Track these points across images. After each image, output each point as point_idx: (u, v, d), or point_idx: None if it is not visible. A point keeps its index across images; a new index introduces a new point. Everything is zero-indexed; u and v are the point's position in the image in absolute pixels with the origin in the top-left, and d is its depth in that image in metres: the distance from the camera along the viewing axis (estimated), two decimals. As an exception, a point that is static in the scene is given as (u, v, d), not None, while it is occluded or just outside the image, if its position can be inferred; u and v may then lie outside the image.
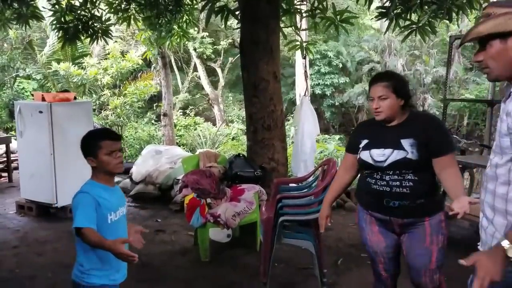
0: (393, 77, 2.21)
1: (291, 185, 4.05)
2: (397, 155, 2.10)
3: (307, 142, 4.58)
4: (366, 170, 2.24)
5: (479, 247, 1.73)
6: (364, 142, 2.24)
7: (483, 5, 4.62)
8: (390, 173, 2.13)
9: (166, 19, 6.15)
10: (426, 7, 4.33)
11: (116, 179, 6.28)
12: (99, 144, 1.92)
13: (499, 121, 1.55)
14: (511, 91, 1.53)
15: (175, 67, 14.68)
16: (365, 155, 2.21)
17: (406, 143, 2.11)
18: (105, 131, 2.13)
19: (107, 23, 5.88)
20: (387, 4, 4.52)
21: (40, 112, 4.82)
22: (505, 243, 1.44)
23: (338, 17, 4.86)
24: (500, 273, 1.46)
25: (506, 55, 1.52)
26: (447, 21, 4.54)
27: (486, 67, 1.59)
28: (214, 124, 13.61)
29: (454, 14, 4.34)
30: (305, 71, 5.28)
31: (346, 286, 3.36)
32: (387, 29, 4.82)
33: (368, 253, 2.38)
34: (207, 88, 14.34)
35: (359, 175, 2.39)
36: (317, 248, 3.16)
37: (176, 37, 6.58)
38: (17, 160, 5.81)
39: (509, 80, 1.59)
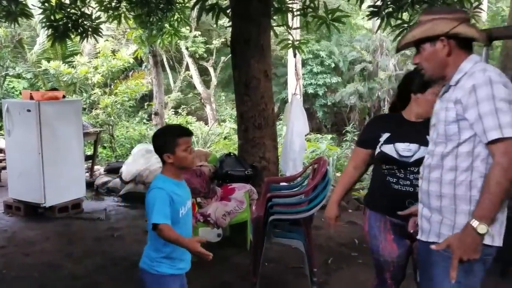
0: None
1: (282, 184, 4.03)
2: (424, 151, 1.94)
3: (296, 141, 4.57)
4: (387, 166, 2.11)
5: (418, 236, 1.81)
6: (386, 135, 2.12)
7: (474, 4, 4.65)
8: (415, 170, 2.00)
9: (157, 18, 6.11)
10: (418, 6, 4.34)
11: (106, 178, 6.27)
12: (177, 141, 1.97)
13: (444, 111, 1.69)
14: (450, 84, 1.71)
15: (167, 66, 14.61)
16: (388, 148, 2.08)
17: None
18: (181, 128, 2.13)
19: (97, 21, 5.84)
20: (379, 3, 4.52)
21: (28, 110, 4.75)
22: (472, 221, 1.54)
23: (330, 16, 4.85)
24: (477, 250, 1.56)
25: (436, 56, 1.72)
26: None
27: (422, 68, 1.79)
28: (206, 124, 13.56)
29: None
30: (296, 70, 5.26)
31: (336, 285, 3.34)
32: (379, 28, 4.82)
33: (377, 261, 2.25)
34: (199, 88, 14.29)
35: (373, 175, 2.27)
36: (308, 247, 3.14)
37: (167, 35, 6.55)
38: (5, 159, 5.74)
39: (442, 79, 1.78)
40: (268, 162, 4.45)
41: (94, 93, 9.95)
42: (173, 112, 13.55)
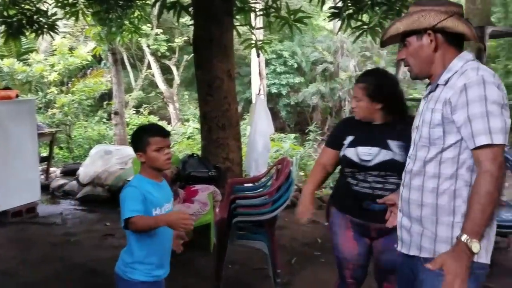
0: (373, 80, 2.10)
1: (247, 185, 4.00)
2: (385, 155, 2.01)
3: (259, 141, 4.55)
4: (349, 169, 2.14)
5: (398, 248, 1.69)
6: (350, 138, 2.14)
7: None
8: (374, 174, 2.05)
9: (116, 14, 5.95)
10: (377, 8, 4.43)
11: (62, 181, 6.04)
12: (148, 140, 1.93)
13: (429, 112, 1.55)
14: (438, 83, 1.56)
15: (127, 64, 14.26)
16: (350, 152, 2.11)
17: (394, 144, 2.02)
18: (155, 127, 2.08)
19: (53, 17, 5.63)
20: (339, 4, 4.58)
21: (-22, 110, 4.50)
22: (464, 237, 1.41)
23: (292, 16, 4.88)
24: (468, 274, 1.42)
25: (422, 52, 1.57)
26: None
27: (408, 64, 1.64)
28: (169, 123, 13.36)
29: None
30: (259, 70, 5.25)
31: (299, 286, 3.35)
32: (339, 29, 4.88)
33: (337, 258, 2.27)
34: (162, 86, 14.05)
35: (338, 176, 2.29)
36: (271, 249, 3.13)
37: (127, 33, 6.39)
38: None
39: (428, 78, 1.63)
40: (232, 163, 4.42)
41: (50, 92, 9.58)
42: (134, 112, 13.26)
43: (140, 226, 1.83)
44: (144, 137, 1.95)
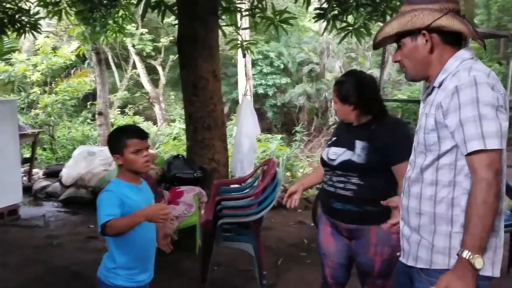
0: (343, 82, 2.12)
1: (233, 186, 3.98)
2: (346, 155, 2.05)
3: (245, 142, 4.53)
4: (324, 167, 2.20)
5: (400, 258, 1.64)
6: (333, 139, 2.22)
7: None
8: (338, 173, 2.09)
9: (100, 14, 5.87)
10: (362, 9, 4.45)
11: (45, 182, 5.94)
12: (126, 142, 1.87)
13: (424, 117, 1.49)
14: (434, 86, 1.50)
15: (112, 64, 14.11)
16: (324, 152, 2.20)
17: (359, 145, 2.04)
18: (132, 129, 2.04)
19: (35, 16, 5.53)
20: (325, 5, 4.59)
21: (-43, 111, 4.40)
22: (466, 254, 1.32)
23: (278, 17, 4.87)
24: None
25: (417, 53, 1.50)
26: (382, 24, 4.69)
27: (403, 66, 1.57)
28: (155, 124, 13.25)
29: (388, 17, 4.49)
30: (245, 71, 5.23)
31: (285, 287, 3.34)
32: (324, 30, 4.90)
33: (320, 255, 2.30)
34: (147, 86, 13.93)
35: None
36: (257, 250, 3.12)
37: (111, 32, 6.31)
38: None
39: (426, 79, 1.56)
40: (218, 164, 4.39)
41: (33, 92, 9.41)
42: (119, 112, 13.12)
43: (117, 228, 1.76)
44: (121, 139, 1.89)
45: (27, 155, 6.97)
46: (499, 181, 1.35)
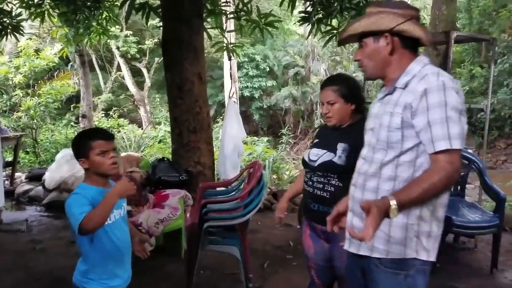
0: (343, 81, 2.13)
1: (219, 189, 3.96)
2: (326, 156, 2.07)
3: (229, 145, 4.52)
4: (305, 169, 2.22)
5: (345, 247, 1.71)
6: (315, 141, 2.24)
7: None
8: (319, 174, 2.10)
9: (84, 16, 5.82)
10: (346, 13, 4.48)
11: (27, 186, 5.83)
12: (91, 145, 1.82)
13: (388, 115, 1.55)
14: (396, 86, 1.57)
15: (96, 66, 13.98)
16: (306, 154, 2.22)
17: (340, 146, 2.06)
18: (97, 130, 2.01)
19: (17, 18, 5.45)
20: (309, 9, 4.62)
21: None
22: (393, 202, 1.39)
23: (263, 20, 4.88)
24: (374, 230, 1.36)
25: (378, 54, 1.58)
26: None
27: (362, 65, 1.65)
28: (141, 126, 13.16)
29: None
30: (231, 73, 5.22)
31: (272, 290, 3.34)
32: (309, 33, 4.92)
33: (305, 257, 2.32)
34: (132, 89, 13.85)
35: None
36: (243, 253, 3.11)
37: (95, 34, 6.24)
38: None
39: (382, 79, 1.65)
40: (203, 167, 4.36)
41: (16, 95, 9.27)
42: (103, 114, 12.99)
43: (95, 218, 1.71)
44: (86, 142, 1.84)
45: (9, 158, 6.84)
46: (456, 178, 1.45)
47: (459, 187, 4.07)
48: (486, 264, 3.74)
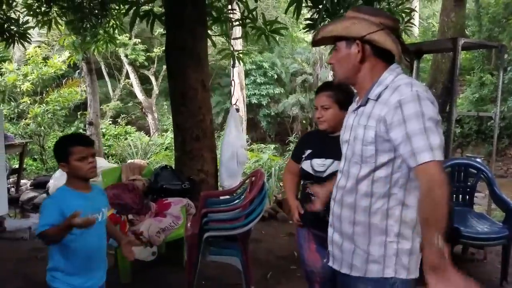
0: (338, 88, 2.11)
1: (221, 197, 3.91)
2: (337, 166, 1.99)
3: (226, 152, 4.46)
4: (306, 180, 2.17)
5: (329, 263, 1.67)
6: (308, 152, 2.18)
7: (405, 19, 4.83)
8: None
9: (91, 23, 5.84)
10: (352, 20, 4.42)
11: (32, 193, 5.84)
12: (70, 150, 1.91)
13: (362, 129, 1.49)
14: (369, 98, 1.51)
15: (105, 74, 14.07)
16: (306, 165, 2.15)
17: None
18: (76, 136, 2.10)
19: (25, 26, 5.48)
20: (315, 16, 4.57)
21: None
22: (437, 241, 1.31)
23: (268, 27, 4.85)
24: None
25: (349, 60, 1.52)
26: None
27: (333, 69, 1.60)
28: (148, 134, 13.19)
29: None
30: (232, 80, 5.21)
31: (274, 301, 3.27)
32: (316, 40, 4.86)
33: (305, 272, 2.25)
34: (140, 96, 13.90)
35: (301, 189, 2.32)
36: (244, 263, 3.05)
37: (102, 42, 6.26)
38: None
39: (353, 85, 1.60)
40: (206, 175, 4.31)
41: (23, 102, 9.34)
42: (111, 122, 13.05)
43: (49, 238, 1.81)
44: (65, 147, 1.93)
45: (16, 165, 6.87)
46: (448, 189, 1.35)
47: (467, 197, 3.98)
48: (495, 276, 3.64)
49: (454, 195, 3.95)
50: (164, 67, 13.85)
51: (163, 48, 12.84)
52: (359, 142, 1.50)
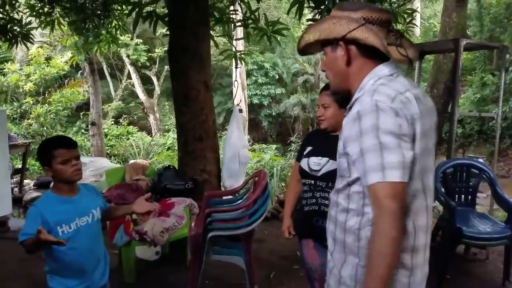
0: None
1: (224, 197, 3.92)
2: (332, 165, 2.01)
3: (228, 152, 4.47)
4: (303, 179, 2.17)
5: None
6: (308, 149, 2.19)
7: (407, 20, 4.84)
8: (322, 186, 2.05)
9: (93, 24, 5.86)
10: (354, 20, 4.43)
11: (35, 193, 5.85)
12: (52, 153, 1.88)
13: (340, 140, 1.37)
14: (348, 106, 1.36)
15: (107, 74, 14.10)
16: (304, 163, 2.15)
17: None
18: (58, 139, 2.01)
19: (27, 26, 5.50)
20: (318, 16, 4.58)
21: None
22: None
23: (270, 28, 4.86)
24: None
25: (336, 64, 1.36)
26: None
27: (327, 77, 1.44)
28: (150, 134, 13.21)
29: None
30: (235, 80, 5.22)
31: (277, 301, 3.28)
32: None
33: (305, 269, 2.26)
34: (142, 96, 13.93)
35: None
36: (248, 263, 3.06)
37: (104, 42, 6.28)
38: None
39: (348, 94, 1.40)
40: (209, 175, 4.33)
41: (26, 102, 9.37)
42: (113, 122, 13.07)
43: (26, 249, 1.79)
44: (47, 151, 1.89)
45: (19, 165, 6.89)
46: (403, 215, 1.21)
47: (469, 197, 3.98)
48: (498, 276, 3.65)
49: (457, 195, 3.96)
50: (166, 67, 13.89)
51: (165, 48, 12.96)
52: (337, 154, 1.39)
